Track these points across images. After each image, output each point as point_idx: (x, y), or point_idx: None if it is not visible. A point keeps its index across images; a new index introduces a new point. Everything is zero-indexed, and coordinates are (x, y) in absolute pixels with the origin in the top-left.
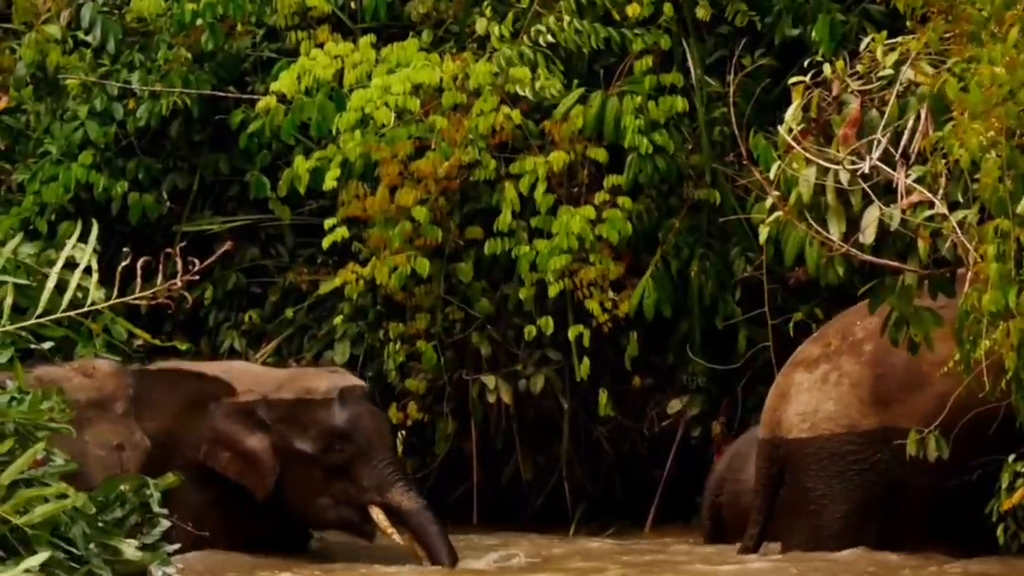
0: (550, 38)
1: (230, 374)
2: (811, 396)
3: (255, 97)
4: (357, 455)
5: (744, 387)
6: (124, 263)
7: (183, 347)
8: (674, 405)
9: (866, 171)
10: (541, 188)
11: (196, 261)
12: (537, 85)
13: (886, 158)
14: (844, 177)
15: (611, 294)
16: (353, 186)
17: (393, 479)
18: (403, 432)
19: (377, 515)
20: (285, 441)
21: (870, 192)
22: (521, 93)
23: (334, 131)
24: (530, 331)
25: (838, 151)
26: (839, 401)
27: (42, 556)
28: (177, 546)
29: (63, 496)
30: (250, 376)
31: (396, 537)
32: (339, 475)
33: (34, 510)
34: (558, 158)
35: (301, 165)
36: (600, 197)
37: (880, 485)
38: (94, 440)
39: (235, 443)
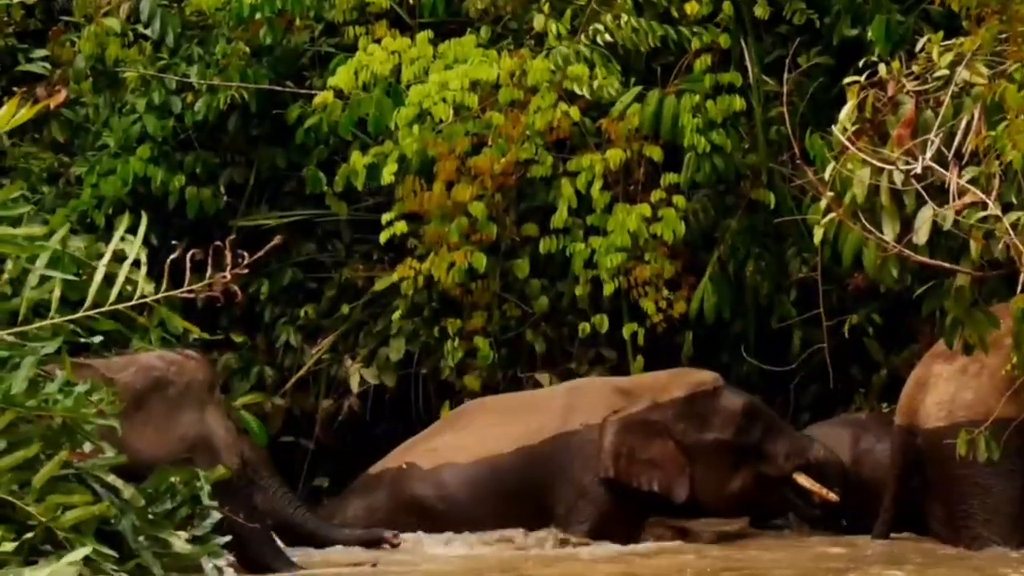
0: (608, 37)
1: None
2: (949, 385)
3: (313, 92)
4: (766, 431)
5: (796, 387)
6: (173, 256)
7: (239, 339)
8: None
9: (919, 171)
10: (597, 185)
11: (245, 255)
12: (595, 84)
13: (940, 159)
14: (898, 178)
15: (666, 293)
16: (410, 182)
17: (807, 440)
18: None
19: (803, 480)
20: (690, 437)
21: (923, 193)
22: (579, 92)
23: (391, 127)
24: (584, 328)
25: (892, 151)
26: (978, 391)
27: (84, 551)
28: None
29: (104, 495)
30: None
31: (831, 496)
32: (750, 456)
33: (65, 514)
34: (615, 156)
35: (358, 160)
36: (656, 195)
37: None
38: None
39: (640, 455)
